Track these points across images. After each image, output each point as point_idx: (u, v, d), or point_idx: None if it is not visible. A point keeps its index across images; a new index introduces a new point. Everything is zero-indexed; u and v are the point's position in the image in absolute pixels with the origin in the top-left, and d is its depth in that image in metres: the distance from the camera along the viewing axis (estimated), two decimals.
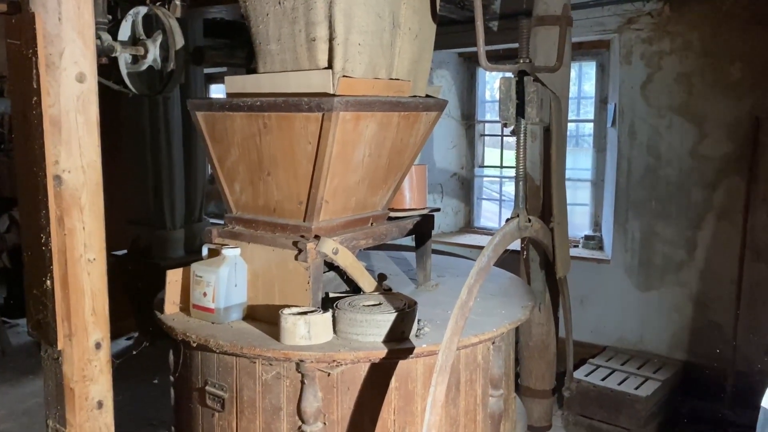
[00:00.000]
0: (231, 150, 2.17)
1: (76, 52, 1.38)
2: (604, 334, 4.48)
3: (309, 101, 1.93)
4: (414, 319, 1.97)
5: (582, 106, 5.69)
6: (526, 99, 1.99)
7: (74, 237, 1.43)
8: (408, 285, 2.53)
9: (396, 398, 1.94)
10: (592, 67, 4.95)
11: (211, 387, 2.03)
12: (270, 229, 2.14)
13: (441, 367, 1.72)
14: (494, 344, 2.13)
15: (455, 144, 5.61)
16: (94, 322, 1.49)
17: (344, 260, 2.09)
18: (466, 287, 1.79)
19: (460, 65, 5.55)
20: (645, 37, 4.18)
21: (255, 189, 2.17)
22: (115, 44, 2.69)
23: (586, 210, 5.07)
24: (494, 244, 1.90)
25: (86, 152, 1.44)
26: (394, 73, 2.16)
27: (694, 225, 4.08)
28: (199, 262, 2.16)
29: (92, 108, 1.44)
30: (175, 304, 2.21)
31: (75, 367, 1.47)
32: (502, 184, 5.90)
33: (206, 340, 1.94)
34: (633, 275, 4.37)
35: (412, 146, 2.32)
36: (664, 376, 3.90)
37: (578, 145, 6.11)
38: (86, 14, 1.41)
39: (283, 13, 2.01)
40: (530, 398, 2.91)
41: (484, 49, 2.01)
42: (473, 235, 5.63)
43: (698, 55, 3.99)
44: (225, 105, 2.12)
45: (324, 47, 1.97)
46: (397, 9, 2.09)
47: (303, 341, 1.88)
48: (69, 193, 1.42)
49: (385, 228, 2.34)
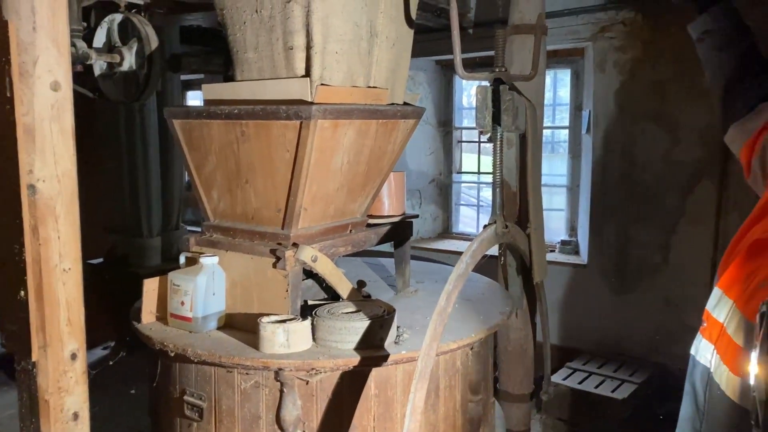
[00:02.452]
0: (208, 158, 2.17)
1: (50, 61, 1.37)
2: (581, 337, 4.53)
3: (287, 109, 1.94)
4: (393, 326, 1.98)
5: (557, 112, 5.76)
6: (502, 107, 2.01)
7: (49, 246, 1.42)
8: (387, 291, 2.53)
9: (376, 405, 1.95)
10: (567, 74, 5.01)
11: (190, 396, 2.02)
12: (248, 236, 2.14)
13: (420, 374, 1.72)
14: (473, 350, 2.15)
15: (433, 150, 5.65)
16: (69, 333, 1.47)
17: (323, 268, 2.09)
18: (444, 293, 1.80)
19: (438, 72, 5.59)
20: (618, 45, 4.24)
21: (233, 197, 2.17)
22: (91, 52, 2.67)
23: (562, 215, 5.12)
24: (472, 251, 1.92)
25: (61, 161, 1.43)
26: (371, 81, 2.17)
27: (668, 229, 4.15)
28: (177, 271, 2.14)
29: (67, 116, 1.43)
30: (152, 313, 2.19)
31: (50, 379, 1.45)
32: (479, 190, 5.95)
33: (184, 350, 1.93)
34: (609, 279, 4.42)
35: (390, 153, 2.33)
36: (640, 379, 3.95)
37: (554, 152, 6.17)
38: (61, 22, 1.39)
39: (260, 22, 2.01)
40: (509, 403, 2.93)
41: (461, 58, 2.04)
42: (452, 240, 5.66)
43: (671, 63, 4.06)
44: (202, 113, 2.12)
45: (301, 55, 1.97)
46: (374, 18, 2.11)
47: (282, 349, 1.88)
48: (43, 203, 1.40)
49: (363, 235, 2.34)
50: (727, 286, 1.57)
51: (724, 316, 1.54)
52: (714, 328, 1.57)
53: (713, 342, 1.57)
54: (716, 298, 1.59)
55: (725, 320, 1.54)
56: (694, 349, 1.66)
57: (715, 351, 1.56)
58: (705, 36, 1.93)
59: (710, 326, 1.59)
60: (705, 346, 1.60)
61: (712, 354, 1.56)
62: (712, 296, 1.61)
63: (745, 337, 1.38)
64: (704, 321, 1.61)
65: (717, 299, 1.59)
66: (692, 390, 1.67)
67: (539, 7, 2.76)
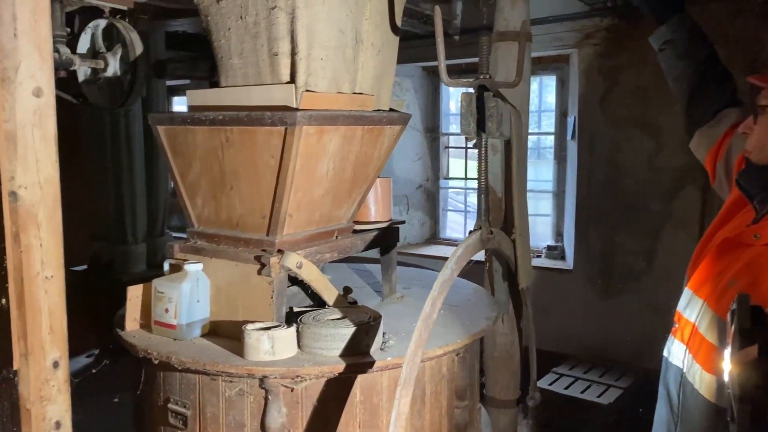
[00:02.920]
0: (193, 164, 2.16)
1: (32, 66, 1.36)
2: (567, 342, 4.55)
3: (272, 115, 1.93)
4: (379, 332, 1.97)
5: (543, 118, 5.80)
6: (487, 114, 2.02)
7: (31, 254, 1.40)
8: (373, 298, 2.53)
9: (361, 412, 1.94)
10: (553, 80, 5.05)
11: (174, 404, 2.00)
12: (233, 243, 2.13)
13: (405, 380, 1.72)
14: (459, 355, 2.15)
15: (420, 156, 5.66)
16: (51, 341, 1.46)
17: (308, 274, 2.08)
18: (429, 300, 1.81)
19: (424, 78, 5.61)
20: (602, 52, 4.28)
21: (217, 203, 2.16)
22: (74, 57, 2.66)
23: (548, 220, 5.15)
24: (457, 257, 1.92)
25: (43, 168, 1.41)
26: (357, 88, 2.18)
27: (652, 235, 4.18)
28: (161, 278, 2.13)
29: (50, 122, 1.41)
30: (136, 320, 2.18)
31: (31, 387, 1.43)
32: (467, 195, 5.97)
33: (168, 357, 1.92)
34: (594, 284, 4.45)
35: (376, 159, 2.33)
36: (626, 384, 3.97)
37: (540, 157, 6.21)
38: (43, 28, 1.38)
39: (245, 28, 2.01)
40: (495, 408, 2.93)
41: (445, 64, 2.04)
42: (439, 246, 5.67)
43: (654, 69, 4.10)
44: (186, 119, 2.11)
45: (286, 62, 1.97)
46: (359, 24, 2.11)
47: (267, 357, 1.87)
48: (25, 210, 1.39)
49: (350, 241, 2.34)
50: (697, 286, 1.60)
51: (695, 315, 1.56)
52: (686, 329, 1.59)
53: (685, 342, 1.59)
54: (687, 299, 1.62)
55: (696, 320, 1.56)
56: (666, 351, 1.68)
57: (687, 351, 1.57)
58: (665, 46, 1.99)
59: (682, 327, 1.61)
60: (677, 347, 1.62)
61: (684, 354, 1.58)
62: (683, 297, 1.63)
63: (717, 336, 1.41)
64: (675, 322, 1.64)
65: (687, 299, 1.61)
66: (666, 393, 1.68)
67: (524, 14, 2.78)
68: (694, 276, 1.62)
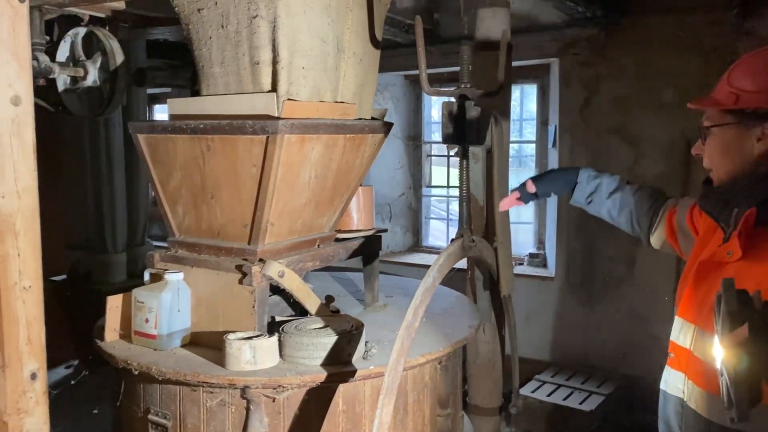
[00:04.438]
0: (173, 173, 2.15)
1: (10, 75, 1.35)
2: (550, 350, 4.57)
3: (253, 124, 1.93)
4: (361, 341, 1.97)
5: (525, 127, 5.85)
6: (467, 123, 2.03)
7: (8, 264, 1.39)
8: (356, 306, 2.53)
9: (344, 421, 1.93)
10: (534, 89, 5.09)
11: (154, 415, 1.98)
12: (214, 252, 2.12)
13: (387, 389, 1.72)
14: (441, 364, 2.15)
15: (402, 164, 5.68)
16: (29, 352, 1.44)
17: (290, 283, 2.07)
18: (411, 308, 1.81)
19: (406, 87, 5.64)
20: (583, 62, 4.33)
21: (198, 212, 2.15)
22: (53, 65, 2.63)
23: (530, 228, 5.19)
24: (439, 265, 1.93)
25: (21, 177, 1.40)
26: (339, 96, 2.18)
27: (632, 242, 4.20)
28: (141, 288, 2.11)
29: (28, 131, 1.40)
30: (115, 330, 2.15)
31: (8, 399, 1.41)
32: (449, 203, 5.99)
33: (148, 368, 1.90)
34: (576, 292, 4.48)
35: (358, 168, 2.34)
36: (608, 390, 4.00)
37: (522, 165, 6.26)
38: (22, 36, 1.37)
39: (226, 37, 2.01)
40: (478, 416, 2.93)
41: (426, 74, 2.05)
42: (422, 254, 5.68)
43: (633, 79, 4.16)
44: (167, 127, 2.10)
45: (268, 70, 1.97)
46: (340, 34, 2.12)
47: (248, 366, 1.85)
48: (2, 219, 1.37)
49: (332, 249, 2.34)
50: (685, 312, 1.63)
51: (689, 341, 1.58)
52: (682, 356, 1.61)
53: (683, 370, 1.60)
54: (678, 327, 1.64)
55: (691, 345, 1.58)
56: (663, 384, 1.69)
57: (686, 378, 1.59)
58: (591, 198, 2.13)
59: (678, 355, 1.63)
60: (675, 377, 1.63)
61: (683, 383, 1.60)
62: (674, 326, 1.65)
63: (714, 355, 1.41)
64: (670, 353, 1.65)
65: (679, 327, 1.64)
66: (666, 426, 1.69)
67: (504, 23, 2.81)
68: (680, 304, 1.65)
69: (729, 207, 1.53)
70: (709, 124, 1.61)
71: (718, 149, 1.60)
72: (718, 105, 1.58)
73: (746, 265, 1.45)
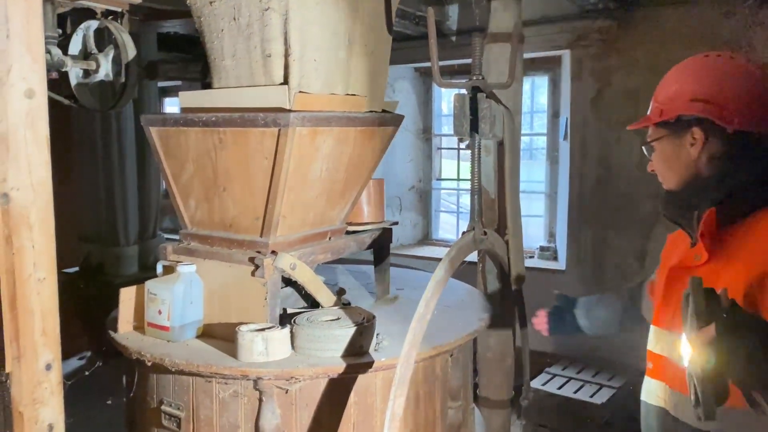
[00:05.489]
0: (185, 166, 2.15)
1: (24, 68, 1.36)
2: (560, 343, 4.56)
3: (265, 117, 1.93)
4: (373, 333, 1.98)
5: (536, 119, 5.82)
6: (480, 115, 2.03)
7: (23, 256, 1.40)
8: (367, 299, 2.53)
9: (355, 413, 1.94)
10: (545, 81, 5.06)
11: (167, 406, 2.00)
12: (226, 245, 2.13)
13: (399, 381, 1.72)
14: (452, 356, 2.15)
15: (413, 157, 5.66)
16: (44, 343, 1.45)
17: (302, 275, 2.08)
18: (423, 300, 1.81)
19: (417, 79, 5.62)
20: (594, 54, 4.30)
21: (210, 205, 2.16)
22: (66, 59, 2.65)
23: (541, 221, 5.17)
24: (450, 258, 1.93)
25: (35, 169, 1.41)
26: (350, 89, 2.18)
27: (643, 235, 4.20)
28: (154, 280, 2.12)
29: (42, 124, 1.41)
30: (129, 322, 2.17)
31: (24, 390, 1.43)
32: (459, 196, 5.98)
33: (161, 359, 1.91)
34: (587, 285, 4.46)
35: (369, 160, 2.34)
36: (619, 383, 3.98)
37: (533, 158, 6.23)
38: (35, 29, 1.38)
39: (238, 29, 2.01)
40: (489, 409, 2.93)
41: (438, 66, 2.05)
42: (432, 247, 5.67)
43: (645, 72, 4.12)
44: (179, 120, 2.10)
45: (279, 63, 1.97)
46: (352, 26, 2.12)
47: (260, 358, 1.86)
48: (17, 212, 1.38)
49: (343, 242, 2.34)
50: (659, 319, 1.63)
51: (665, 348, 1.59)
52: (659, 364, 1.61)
53: (664, 379, 1.60)
54: (653, 335, 1.65)
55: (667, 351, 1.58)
56: (644, 394, 1.69)
57: (666, 386, 1.59)
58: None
59: (656, 364, 1.63)
60: (656, 387, 1.63)
61: (664, 391, 1.60)
62: (650, 335, 1.66)
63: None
64: (649, 363, 1.66)
65: (655, 336, 1.64)
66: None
67: (516, 15, 2.79)
68: (655, 313, 1.66)
69: (690, 211, 1.56)
70: (650, 140, 1.70)
71: (662, 162, 1.68)
72: (649, 121, 1.70)
73: (714, 268, 1.46)
